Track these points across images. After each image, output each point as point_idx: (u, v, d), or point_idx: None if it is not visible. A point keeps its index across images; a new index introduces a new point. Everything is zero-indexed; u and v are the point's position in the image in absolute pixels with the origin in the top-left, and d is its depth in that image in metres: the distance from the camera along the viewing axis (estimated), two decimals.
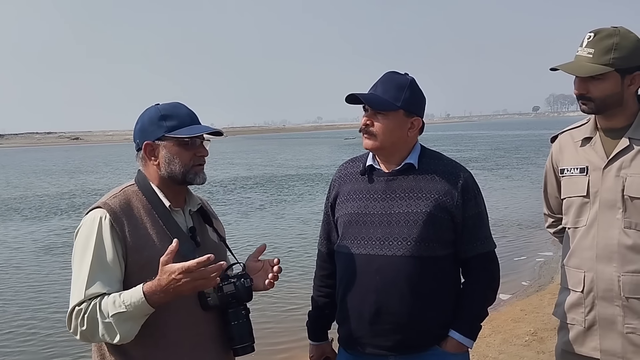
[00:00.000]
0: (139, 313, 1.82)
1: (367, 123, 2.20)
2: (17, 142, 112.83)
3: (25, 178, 30.67)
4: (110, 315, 1.81)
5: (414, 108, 2.21)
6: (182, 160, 1.99)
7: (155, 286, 1.79)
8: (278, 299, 7.31)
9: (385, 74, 2.25)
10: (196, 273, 1.77)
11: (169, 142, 1.99)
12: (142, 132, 2.02)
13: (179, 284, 1.77)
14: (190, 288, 1.80)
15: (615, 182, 2.13)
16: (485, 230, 2.26)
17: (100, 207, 1.94)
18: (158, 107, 2.04)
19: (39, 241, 12.66)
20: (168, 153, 1.99)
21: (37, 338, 6.92)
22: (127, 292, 1.83)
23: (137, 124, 2.05)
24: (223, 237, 2.20)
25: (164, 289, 1.78)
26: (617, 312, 2.12)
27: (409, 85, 2.20)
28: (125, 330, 1.83)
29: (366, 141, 2.23)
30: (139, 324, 1.85)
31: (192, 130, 1.99)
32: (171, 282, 1.77)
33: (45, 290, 8.80)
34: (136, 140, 2.04)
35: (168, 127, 1.98)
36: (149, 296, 1.79)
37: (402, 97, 2.17)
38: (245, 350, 2.01)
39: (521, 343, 5.53)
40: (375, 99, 2.18)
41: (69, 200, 20.03)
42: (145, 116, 2.03)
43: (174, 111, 2.02)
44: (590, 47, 2.12)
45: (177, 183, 2.04)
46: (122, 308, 1.80)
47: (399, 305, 2.13)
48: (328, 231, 2.41)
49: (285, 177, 25.33)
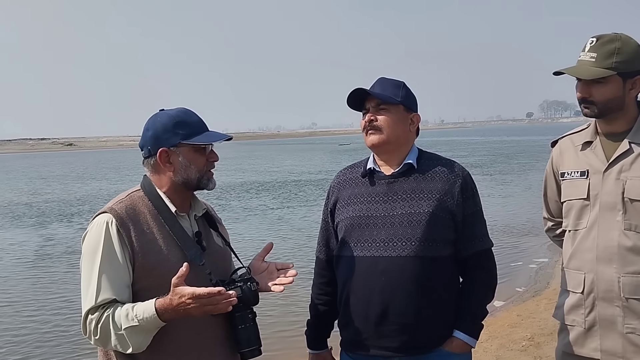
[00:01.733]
0: (152, 327, 1.86)
1: (372, 118, 2.25)
2: (10, 149, 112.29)
3: (34, 184, 30.91)
4: (123, 328, 1.84)
5: (411, 105, 2.31)
6: (197, 166, 2.03)
7: (167, 305, 1.83)
8: (276, 305, 7.31)
9: (378, 79, 2.33)
10: (205, 300, 1.81)
11: (185, 148, 2.02)
12: (155, 139, 2.03)
13: (188, 307, 1.81)
14: (199, 312, 1.84)
15: (616, 185, 2.16)
16: (482, 228, 2.29)
17: (107, 212, 1.96)
18: (170, 114, 2.05)
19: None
20: (184, 159, 2.02)
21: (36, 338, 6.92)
22: (140, 306, 1.86)
23: (149, 131, 2.05)
24: (228, 241, 2.22)
25: (174, 308, 1.82)
26: (617, 312, 2.14)
27: (403, 85, 2.31)
28: (138, 342, 1.87)
29: (371, 137, 2.26)
30: (151, 335, 1.88)
31: (210, 137, 2.04)
32: (181, 304, 1.81)
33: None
34: (147, 147, 2.05)
35: (183, 134, 2.01)
36: (161, 313, 1.83)
37: (400, 94, 2.27)
38: (253, 354, 2.01)
39: (518, 348, 5.55)
40: (380, 93, 2.26)
41: (91, 203, 20.32)
42: (158, 123, 2.04)
43: (187, 118, 2.05)
44: (593, 52, 2.16)
45: (190, 189, 2.07)
46: (134, 322, 1.84)
47: (405, 306, 2.15)
48: (327, 238, 2.42)
49: (284, 183, 25.37)
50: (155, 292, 1.90)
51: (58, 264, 11.06)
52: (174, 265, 1.91)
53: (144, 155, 2.08)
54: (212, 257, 2.06)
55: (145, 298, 1.90)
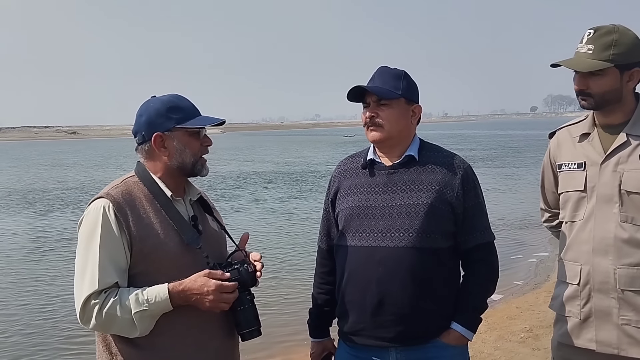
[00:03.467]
0: (159, 311, 1.90)
1: (373, 115, 2.23)
2: (14, 136, 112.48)
3: (54, 171, 31.24)
4: (133, 313, 1.87)
5: (412, 96, 2.28)
6: (192, 150, 2.04)
7: (181, 289, 1.88)
8: (275, 295, 7.35)
9: (378, 68, 2.31)
10: (219, 295, 1.90)
11: (179, 132, 2.02)
12: (149, 124, 2.03)
13: (205, 297, 1.89)
14: (209, 304, 1.91)
15: (613, 177, 2.16)
16: (484, 220, 2.28)
17: (103, 197, 1.96)
18: (162, 99, 2.06)
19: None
20: (179, 143, 2.03)
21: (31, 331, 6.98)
22: (152, 290, 1.89)
23: (142, 117, 2.05)
24: (223, 225, 2.23)
25: (188, 295, 1.89)
26: (612, 304, 2.15)
27: (404, 76, 2.27)
28: (145, 326, 1.90)
29: (373, 133, 2.25)
30: (155, 320, 1.91)
31: (203, 121, 2.05)
32: (199, 293, 1.88)
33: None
34: (141, 133, 2.05)
35: (177, 118, 2.02)
36: (173, 295, 1.88)
37: (401, 86, 2.24)
38: (252, 335, 2.04)
39: (517, 340, 5.58)
40: (380, 89, 2.23)
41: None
42: (151, 108, 2.04)
43: (180, 103, 2.05)
44: (590, 44, 2.15)
45: (185, 174, 2.08)
46: (144, 305, 1.86)
47: (402, 296, 2.15)
48: (328, 227, 2.42)
49: (290, 174, 25.38)
50: (152, 276, 1.91)
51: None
52: (171, 249, 1.93)
53: (137, 142, 2.08)
54: (209, 240, 2.07)
55: (141, 283, 1.92)
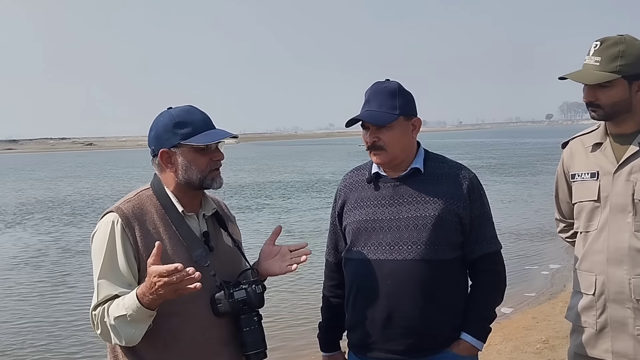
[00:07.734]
0: (139, 316, 1.84)
1: (374, 140, 2.20)
2: (31, 148, 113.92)
3: (80, 182, 31.59)
4: (114, 319, 1.86)
5: (410, 111, 2.24)
6: (199, 167, 2.00)
7: (144, 288, 1.80)
8: (286, 308, 7.34)
9: (371, 87, 2.26)
10: (168, 278, 1.74)
11: (185, 149, 1.98)
12: (157, 140, 2.02)
13: (159, 287, 1.76)
14: (170, 292, 1.78)
15: (626, 187, 2.16)
16: (490, 230, 2.28)
17: (113, 212, 1.97)
18: (171, 113, 2.03)
19: None
20: (184, 160, 1.99)
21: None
22: (127, 295, 1.86)
23: (152, 131, 2.05)
24: (238, 241, 2.20)
25: (150, 291, 1.78)
26: (628, 314, 2.14)
27: (398, 91, 2.22)
28: (128, 333, 1.86)
29: (376, 157, 2.23)
30: (143, 328, 1.87)
31: (208, 137, 1.99)
32: (152, 285, 1.77)
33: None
34: (151, 147, 2.04)
35: (183, 134, 1.97)
36: (141, 297, 1.81)
37: (397, 104, 2.19)
38: (258, 357, 2.01)
39: (532, 351, 5.52)
40: (377, 116, 2.19)
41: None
42: (160, 123, 2.03)
43: (188, 117, 2.01)
44: (597, 55, 2.16)
45: (194, 189, 2.04)
46: (122, 311, 1.84)
47: (411, 309, 2.15)
48: (335, 241, 2.43)
49: (305, 183, 25.43)
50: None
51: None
52: None
53: (151, 155, 2.07)
54: (220, 257, 2.05)
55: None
